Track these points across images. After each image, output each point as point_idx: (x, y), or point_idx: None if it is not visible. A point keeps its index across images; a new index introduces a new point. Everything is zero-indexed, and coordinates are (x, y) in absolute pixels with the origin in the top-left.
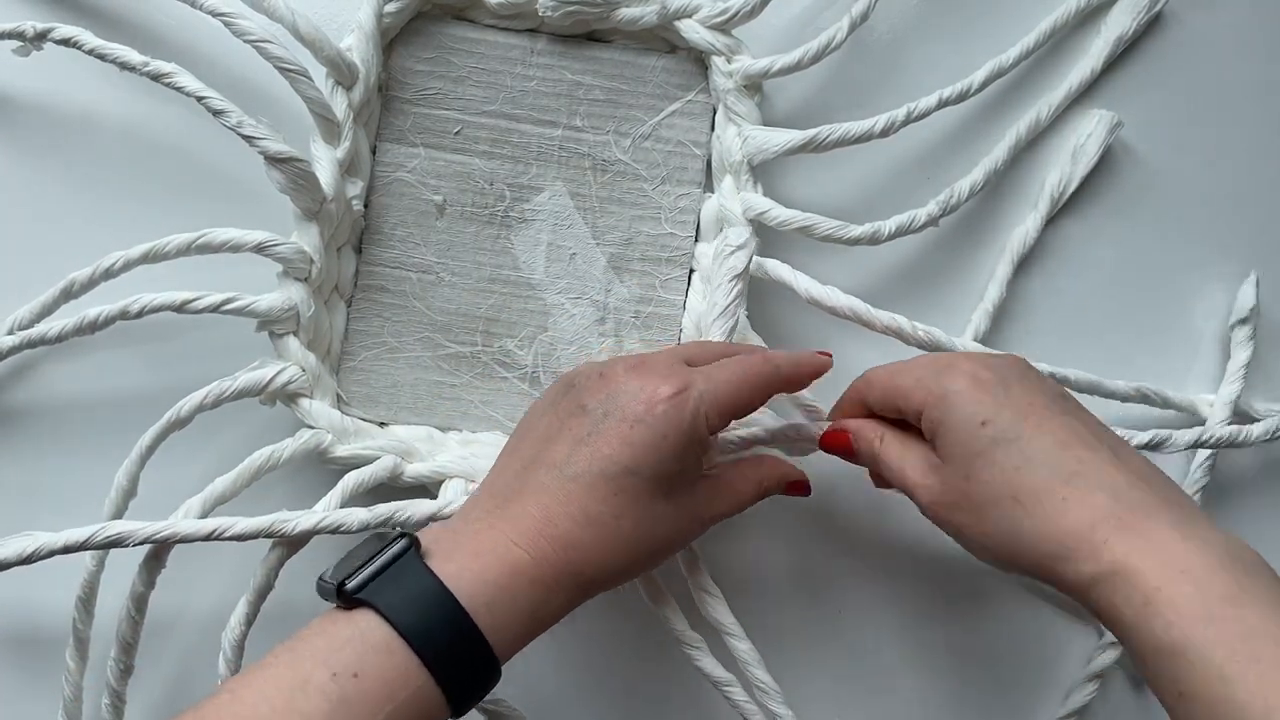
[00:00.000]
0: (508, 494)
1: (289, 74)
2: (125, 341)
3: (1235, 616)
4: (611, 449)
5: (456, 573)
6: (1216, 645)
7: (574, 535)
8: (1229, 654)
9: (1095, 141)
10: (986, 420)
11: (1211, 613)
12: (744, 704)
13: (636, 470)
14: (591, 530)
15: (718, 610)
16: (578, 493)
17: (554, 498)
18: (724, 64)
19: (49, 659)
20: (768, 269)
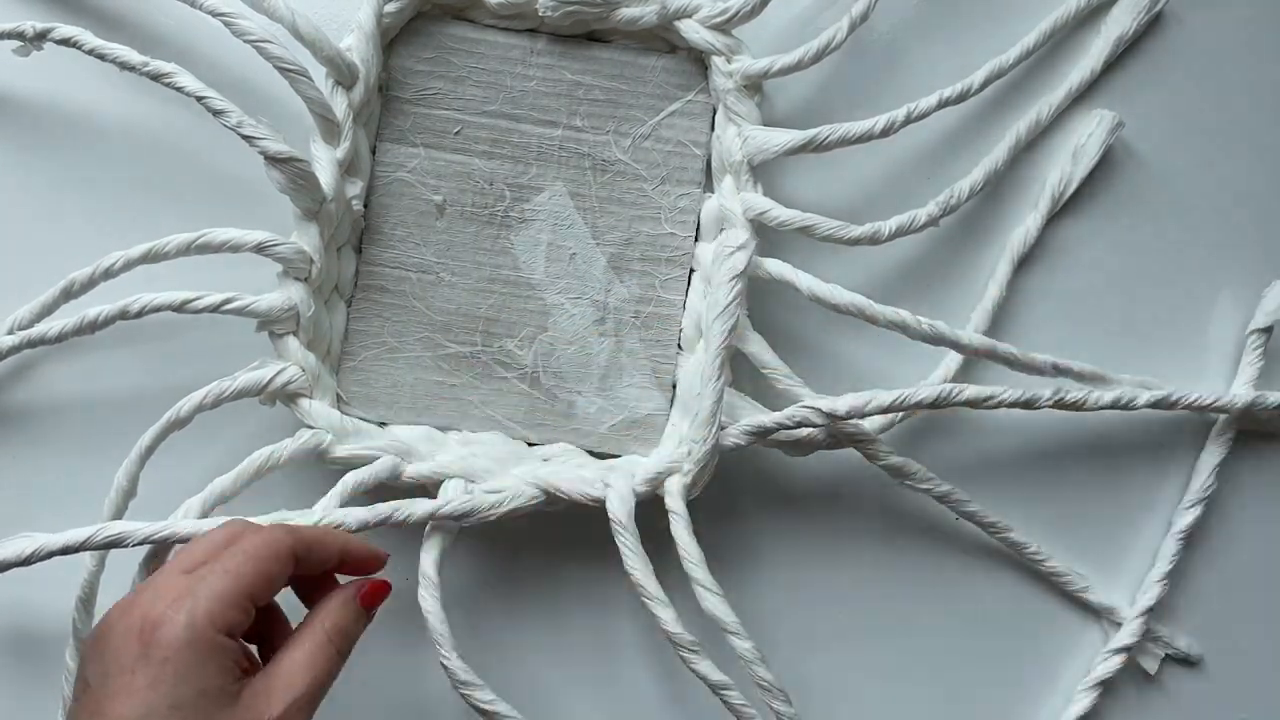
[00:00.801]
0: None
1: (289, 74)
2: (125, 341)
3: None
4: (119, 710)
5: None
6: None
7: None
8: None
9: (1096, 141)
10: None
11: None
12: (741, 706)
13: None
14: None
15: (719, 608)
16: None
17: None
18: (724, 64)
19: (49, 659)
20: (768, 269)
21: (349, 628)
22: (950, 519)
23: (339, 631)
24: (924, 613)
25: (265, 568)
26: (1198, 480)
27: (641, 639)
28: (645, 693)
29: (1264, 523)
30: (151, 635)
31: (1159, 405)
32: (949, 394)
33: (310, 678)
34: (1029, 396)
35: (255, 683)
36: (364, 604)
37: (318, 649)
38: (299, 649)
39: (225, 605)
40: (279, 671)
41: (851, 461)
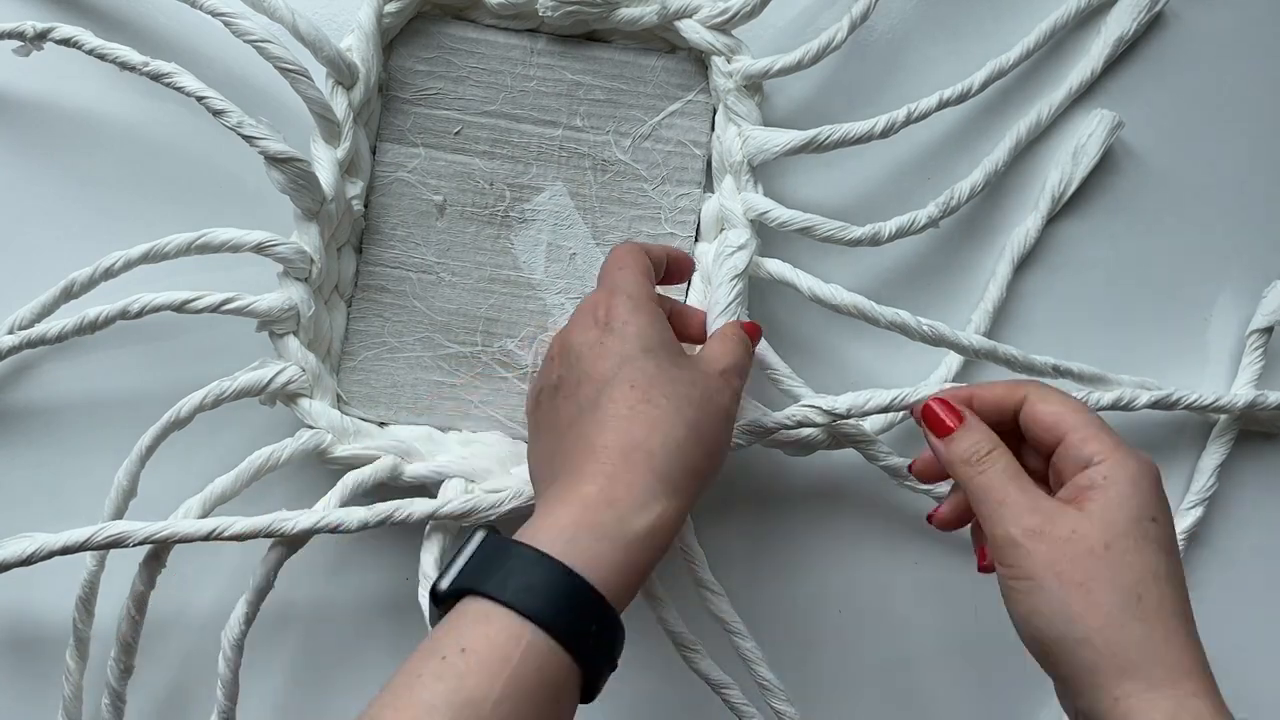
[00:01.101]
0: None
1: (289, 74)
2: (125, 341)
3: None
4: (600, 369)
5: (532, 532)
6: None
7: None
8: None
9: (1096, 141)
10: (1156, 518)
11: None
12: (742, 706)
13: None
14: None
15: (721, 608)
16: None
17: (591, 431)
18: (724, 64)
19: (49, 659)
20: (769, 269)
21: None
22: None
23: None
24: (924, 613)
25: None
26: (1199, 481)
27: (642, 638)
28: (645, 692)
29: (1264, 523)
30: (606, 318)
31: (1159, 405)
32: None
33: (734, 355)
34: None
35: (692, 356)
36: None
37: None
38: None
39: (639, 281)
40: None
41: (851, 461)
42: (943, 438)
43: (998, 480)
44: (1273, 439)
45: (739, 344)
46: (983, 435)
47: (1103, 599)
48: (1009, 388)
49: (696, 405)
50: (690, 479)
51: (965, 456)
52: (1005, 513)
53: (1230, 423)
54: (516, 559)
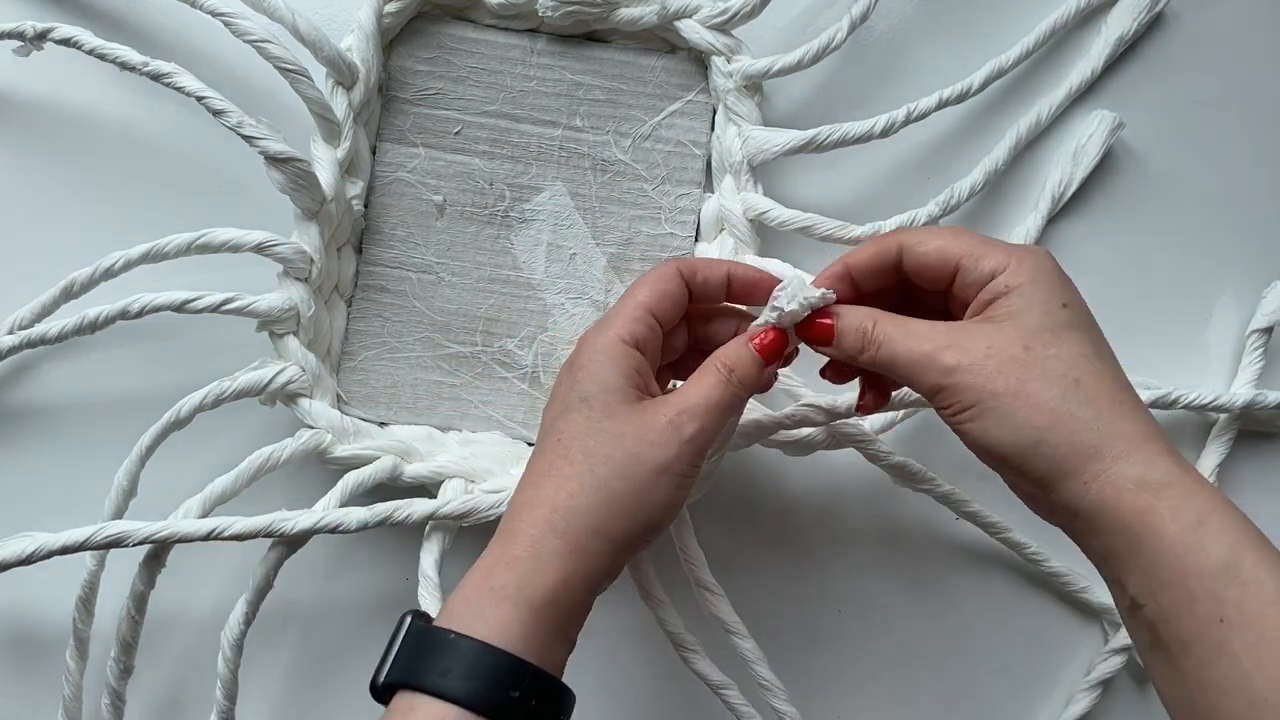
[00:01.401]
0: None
1: (289, 74)
2: (125, 341)
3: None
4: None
5: (447, 611)
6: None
7: (531, 496)
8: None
9: (1096, 142)
10: (1068, 303)
11: (1264, 541)
12: (740, 706)
13: (564, 409)
14: (544, 479)
15: (721, 608)
16: (531, 466)
17: (518, 486)
18: (724, 64)
19: (49, 659)
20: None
21: (743, 366)
22: (950, 519)
23: (728, 366)
24: (924, 613)
25: (657, 285)
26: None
27: (642, 639)
28: (645, 693)
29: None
30: (576, 357)
31: (1158, 404)
32: None
33: (702, 396)
34: None
35: (655, 400)
36: (760, 352)
37: (709, 374)
38: (694, 377)
39: (628, 320)
40: (676, 392)
41: (851, 461)
42: (830, 341)
43: (893, 344)
44: (1272, 439)
45: (717, 383)
46: (860, 315)
47: (1042, 397)
48: (879, 243)
49: (613, 464)
50: (595, 540)
51: (857, 345)
52: (918, 366)
53: (1229, 422)
54: (436, 643)
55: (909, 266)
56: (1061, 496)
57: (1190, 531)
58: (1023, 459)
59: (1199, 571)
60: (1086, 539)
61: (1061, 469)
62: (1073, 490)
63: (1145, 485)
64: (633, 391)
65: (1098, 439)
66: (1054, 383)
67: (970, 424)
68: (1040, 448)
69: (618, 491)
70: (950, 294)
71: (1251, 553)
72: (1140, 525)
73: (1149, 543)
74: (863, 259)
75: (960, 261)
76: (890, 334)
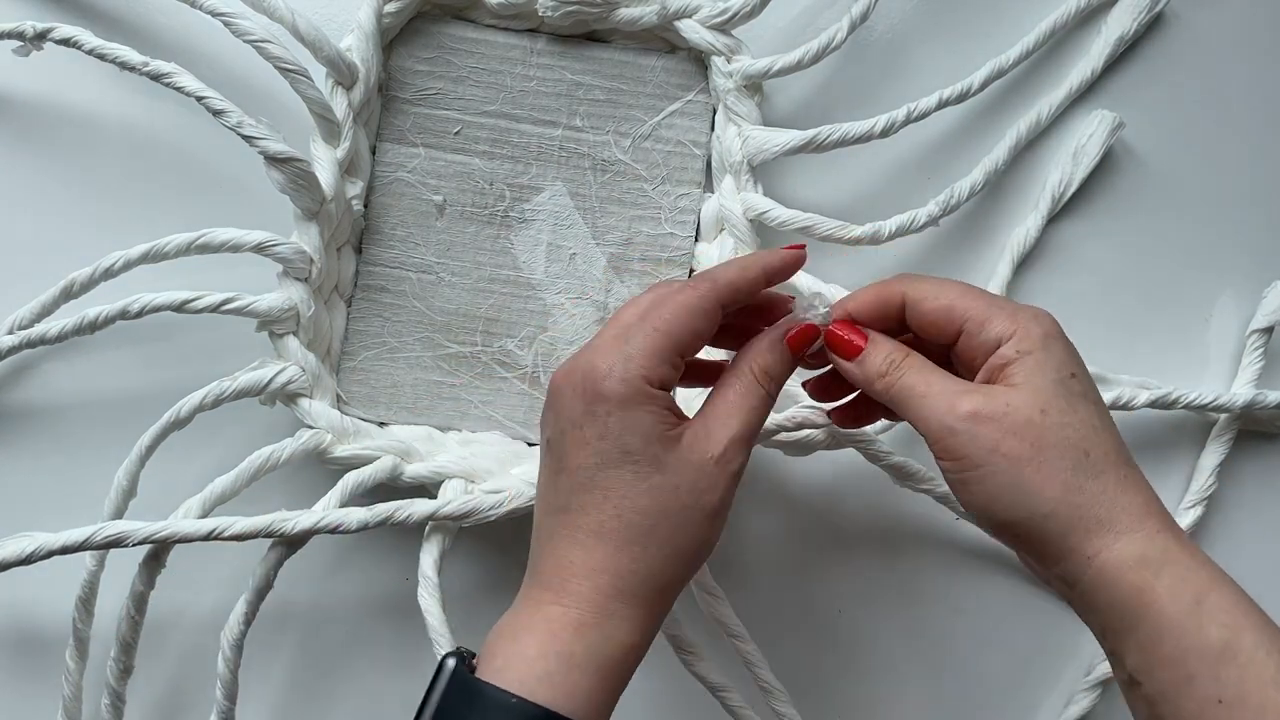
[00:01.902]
0: (534, 563)
1: (289, 74)
2: (125, 341)
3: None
4: (577, 461)
5: (502, 666)
6: (1273, 650)
7: (588, 559)
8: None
9: (1096, 142)
10: (1076, 374)
11: (1263, 620)
12: (740, 709)
13: (603, 463)
14: (600, 541)
15: (721, 611)
16: (574, 519)
17: (559, 537)
18: (724, 64)
19: (49, 659)
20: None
21: (776, 369)
22: (950, 519)
23: (765, 373)
24: (924, 613)
25: (693, 324)
26: (1198, 480)
27: None
28: (645, 694)
29: (1264, 523)
30: (593, 392)
31: (1158, 404)
32: None
33: (743, 418)
34: None
35: (694, 427)
36: (792, 347)
37: (748, 390)
38: (730, 391)
39: (655, 361)
40: (714, 414)
41: (851, 461)
42: (853, 359)
43: (918, 377)
44: (1272, 439)
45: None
46: (892, 346)
47: (1055, 465)
48: (881, 290)
49: (674, 520)
50: (663, 596)
51: (881, 370)
52: (936, 404)
53: (1229, 422)
54: (490, 702)
55: (912, 320)
56: (1063, 568)
57: (1189, 611)
58: (1029, 528)
59: (1198, 651)
60: (1084, 611)
61: (1067, 542)
62: (1075, 566)
63: (1145, 563)
64: (671, 432)
65: (1104, 512)
66: (1067, 452)
67: (976, 485)
68: (1049, 520)
69: (679, 546)
70: (955, 353)
71: (1250, 633)
72: (1139, 603)
73: (1147, 621)
74: (864, 305)
75: (965, 325)
76: (917, 366)
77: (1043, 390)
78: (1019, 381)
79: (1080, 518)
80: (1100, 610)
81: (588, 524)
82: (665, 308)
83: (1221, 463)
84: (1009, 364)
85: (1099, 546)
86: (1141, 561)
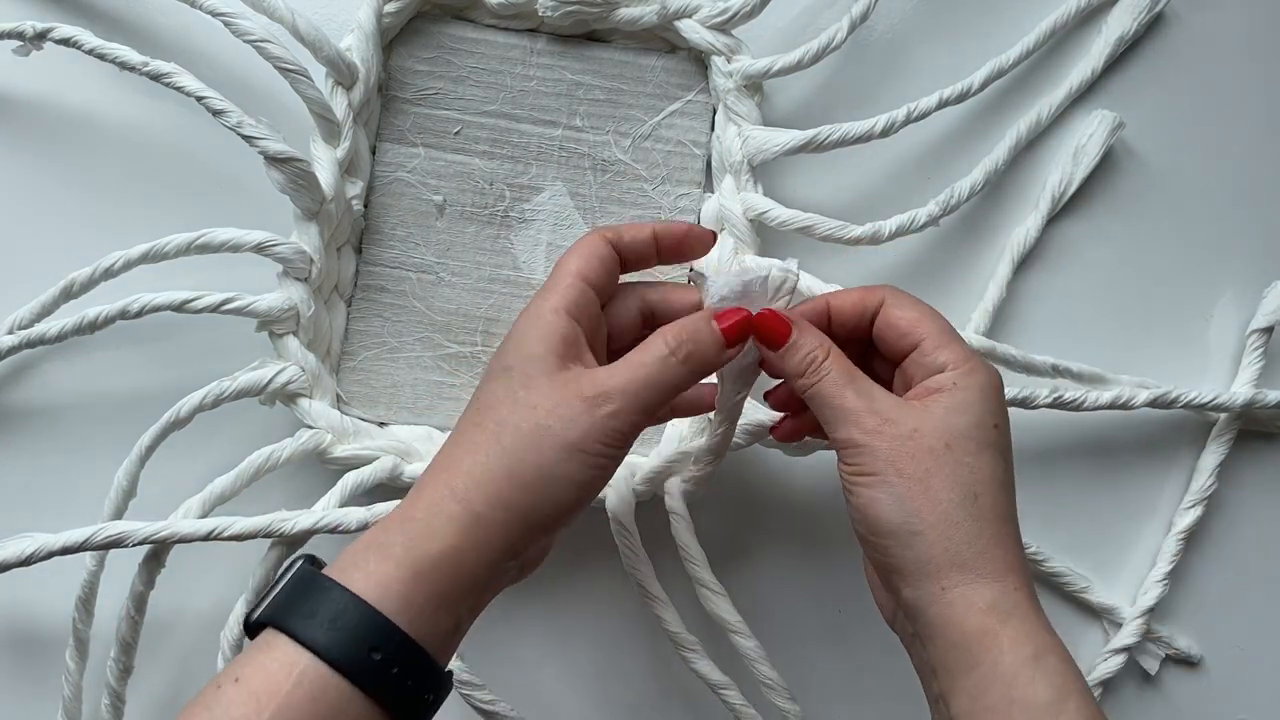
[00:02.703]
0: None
1: (289, 74)
2: (125, 341)
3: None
4: (481, 378)
5: (337, 558)
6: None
7: (440, 460)
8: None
9: (1096, 142)
10: (999, 425)
11: (1089, 690)
12: (740, 706)
13: (487, 377)
14: (454, 446)
15: (722, 608)
16: (451, 435)
17: (437, 453)
18: (724, 64)
19: (49, 659)
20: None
21: (695, 343)
22: None
23: (679, 339)
24: None
25: (584, 250)
26: (1198, 480)
27: (641, 639)
28: (645, 693)
29: (1264, 523)
30: (509, 331)
31: (1157, 404)
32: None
33: (632, 372)
34: (1025, 395)
35: (580, 373)
36: (725, 332)
37: (649, 351)
38: (634, 351)
39: (558, 288)
40: (605, 367)
41: None
42: (777, 350)
43: (834, 386)
44: (1272, 439)
45: (653, 361)
46: (815, 341)
47: (941, 495)
48: (865, 291)
49: (522, 434)
50: (495, 510)
51: (800, 367)
52: (846, 416)
53: (1229, 422)
54: (312, 587)
55: (880, 324)
56: (913, 595)
57: (1026, 663)
58: (895, 542)
59: (1024, 704)
60: (922, 647)
61: (926, 568)
62: (927, 593)
63: (995, 609)
64: (556, 360)
65: (971, 553)
66: (956, 487)
67: (864, 490)
68: (917, 539)
69: (525, 463)
70: (901, 367)
71: (1077, 697)
72: (979, 647)
73: (983, 666)
74: (847, 302)
75: (923, 342)
76: (835, 372)
77: (956, 427)
78: (938, 410)
79: (946, 550)
80: (939, 646)
81: (454, 434)
82: (572, 247)
83: (1221, 463)
84: (939, 391)
85: (956, 581)
86: (992, 607)
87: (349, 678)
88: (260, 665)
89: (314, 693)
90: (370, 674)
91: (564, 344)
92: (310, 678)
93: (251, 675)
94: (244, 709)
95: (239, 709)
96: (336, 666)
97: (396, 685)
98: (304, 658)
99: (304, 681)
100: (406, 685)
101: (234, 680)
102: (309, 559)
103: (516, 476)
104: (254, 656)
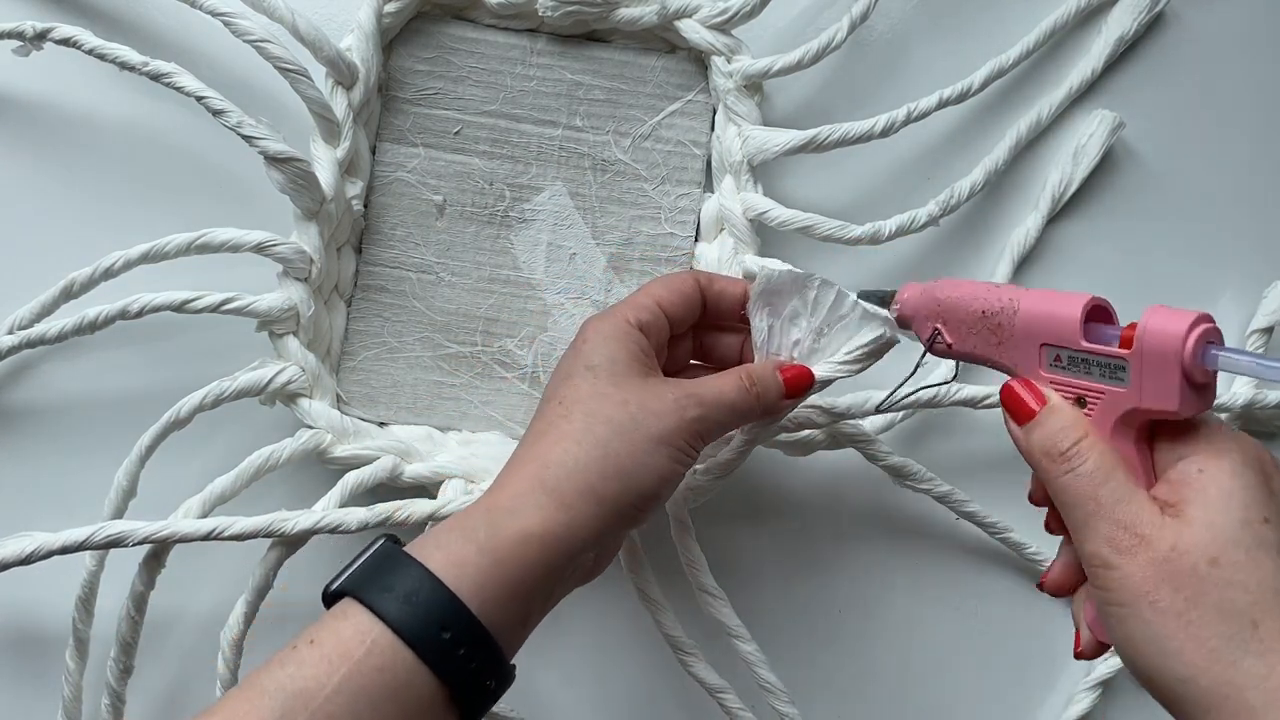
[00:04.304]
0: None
1: (289, 74)
2: (125, 341)
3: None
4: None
5: (422, 540)
6: None
7: (526, 451)
8: None
9: (1096, 142)
10: (1269, 518)
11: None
12: (738, 710)
13: (568, 374)
14: (541, 437)
15: (721, 611)
16: (531, 427)
17: (519, 445)
18: (724, 64)
19: (49, 659)
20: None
21: (765, 385)
22: (950, 519)
23: (753, 378)
24: (924, 613)
25: (671, 283)
26: None
27: (640, 641)
28: (644, 695)
29: None
30: (580, 336)
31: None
32: (947, 394)
33: (715, 389)
34: None
35: (664, 379)
36: (787, 381)
37: (731, 377)
38: (714, 375)
39: (636, 306)
40: (690, 380)
41: (851, 461)
42: (1024, 424)
43: (1086, 483)
44: (1272, 439)
45: (735, 386)
46: (1070, 420)
47: (1208, 631)
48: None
49: (614, 426)
50: (584, 499)
51: (1047, 448)
52: (1095, 525)
53: (1229, 422)
54: (392, 562)
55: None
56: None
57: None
58: (1162, 686)
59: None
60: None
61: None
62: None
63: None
64: (639, 366)
65: (1261, 702)
66: (1230, 618)
67: (1116, 623)
68: (1186, 686)
69: (615, 452)
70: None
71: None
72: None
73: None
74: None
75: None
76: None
77: (1220, 532)
78: (1195, 516)
79: (1226, 696)
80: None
81: (537, 425)
82: (675, 280)
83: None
84: (1187, 485)
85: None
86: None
87: (417, 652)
88: (335, 630)
89: (383, 663)
90: (438, 651)
91: (643, 353)
92: (381, 647)
93: (326, 639)
94: (316, 669)
95: (312, 668)
96: (407, 640)
97: (461, 666)
98: (377, 628)
99: (375, 650)
100: (470, 667)
101: (309, 642)
102: (391, 538)
103: (608, 465)
104: (330, 623)
